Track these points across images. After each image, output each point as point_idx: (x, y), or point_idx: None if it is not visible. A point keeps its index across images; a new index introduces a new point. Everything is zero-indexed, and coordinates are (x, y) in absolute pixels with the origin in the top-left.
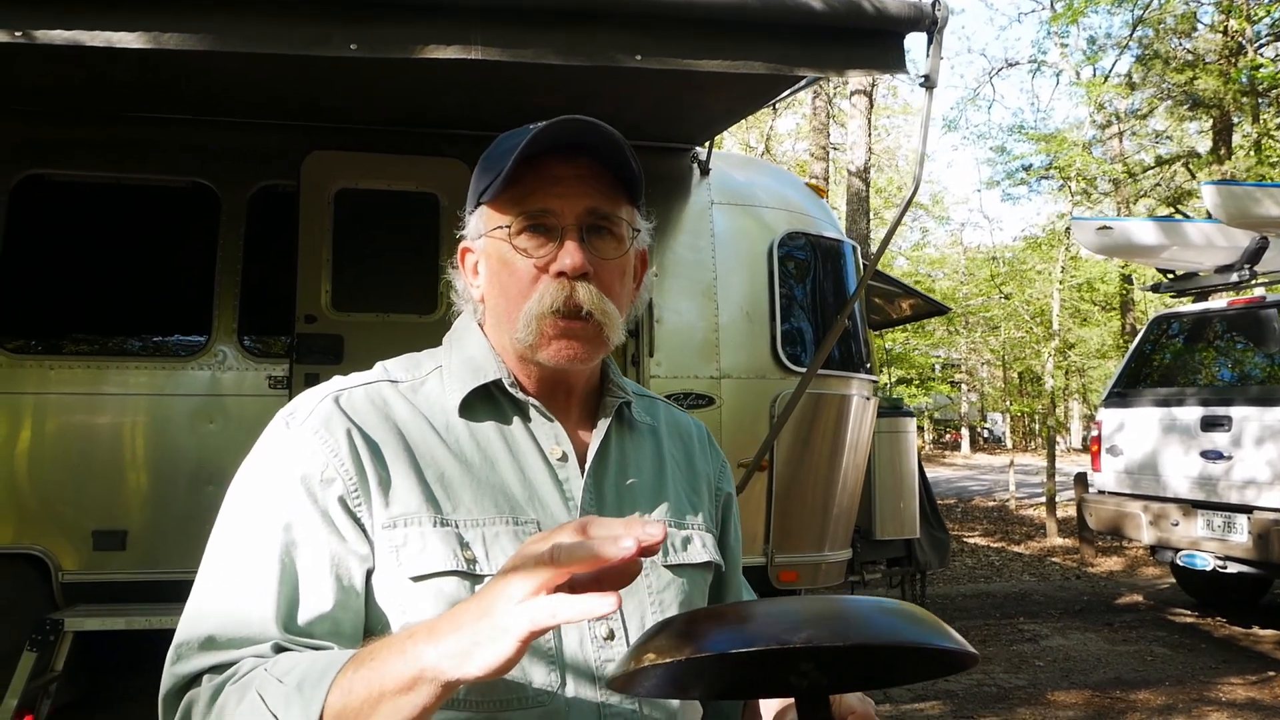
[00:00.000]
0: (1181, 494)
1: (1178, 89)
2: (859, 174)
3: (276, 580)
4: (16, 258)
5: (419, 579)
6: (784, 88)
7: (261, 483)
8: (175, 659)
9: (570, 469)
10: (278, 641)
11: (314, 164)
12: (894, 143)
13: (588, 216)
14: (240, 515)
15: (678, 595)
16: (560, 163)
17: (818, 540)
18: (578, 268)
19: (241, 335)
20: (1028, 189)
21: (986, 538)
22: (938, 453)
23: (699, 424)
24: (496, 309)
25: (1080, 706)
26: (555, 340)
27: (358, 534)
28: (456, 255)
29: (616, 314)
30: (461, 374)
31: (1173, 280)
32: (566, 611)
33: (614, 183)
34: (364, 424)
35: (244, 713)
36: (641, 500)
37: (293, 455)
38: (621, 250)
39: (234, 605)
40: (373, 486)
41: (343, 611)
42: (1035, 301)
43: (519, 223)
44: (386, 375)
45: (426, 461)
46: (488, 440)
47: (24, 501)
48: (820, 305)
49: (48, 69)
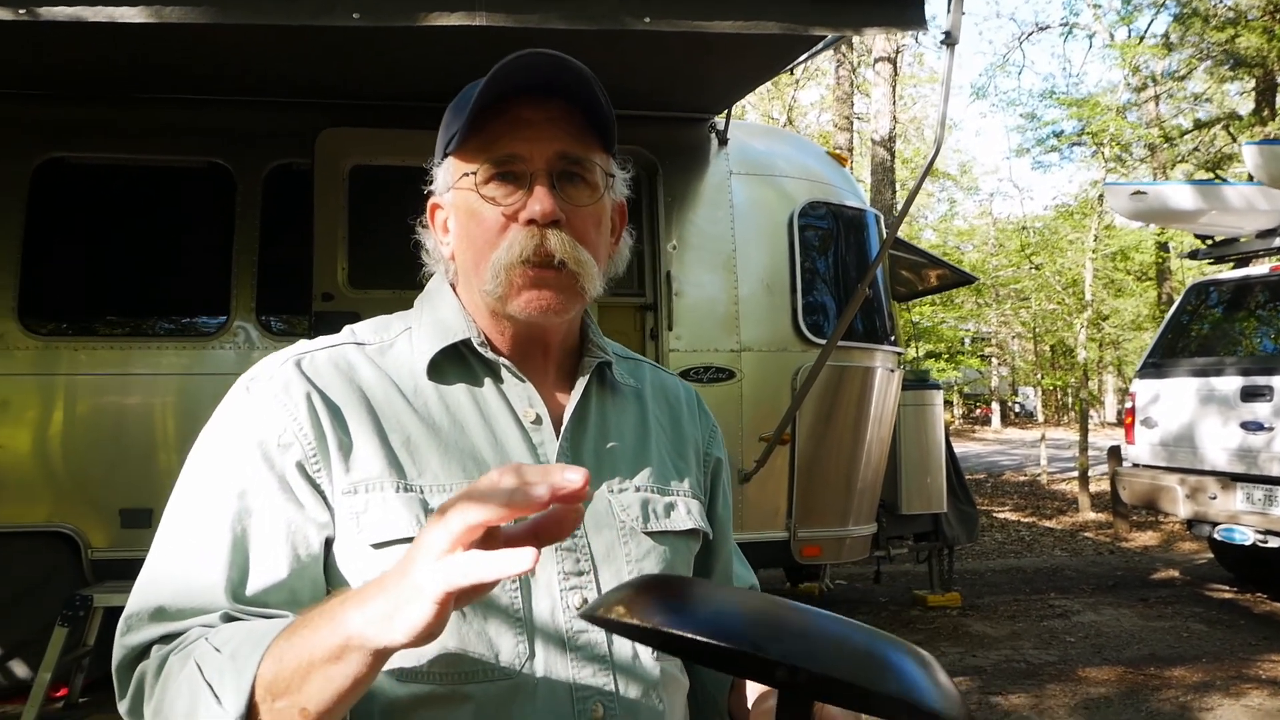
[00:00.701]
0: (1220, 466)
1: (1218, 48)
2: (884, 143)
3: (228, 549)
4: (39, 241)
5: (380, 545)
6: (801, 51)
7: (217, 449)
8: (125, 630)
9: (545, 432)
10: (227, 611)
11: (327, 141)
12: (920, 112)
13: (558, 161)
14: (195, 482)
15: (658, 564)
16: (528, 105)
17: (841, 515)
18: (548, 214)
19: (260, 314)
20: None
21: (1017, 513)
22: (968, 428)
23: (687, 387)
24: (465, 263)
25: (1113, 683)
26: (526, 290)
27: (316, 500)
28: (425, 214)
29: (592, 263)
30: (430, 335)
31: (1211, 246)
32: (480, 570)
33: (586, 126)
34: (326, 387)
35: (183, 682)
36: (622, 465)
37: (250, 420)
38: (595, 197)
39: (183, 575)
40: (333, 451)
41: (299, 580)
42: (1067, 272)
43: (485, 170)
44: (354, 338)
45: (391, 425)
46: (457, 403)
47: (54, 481)
48: (842, 276)
49: (63, 51)
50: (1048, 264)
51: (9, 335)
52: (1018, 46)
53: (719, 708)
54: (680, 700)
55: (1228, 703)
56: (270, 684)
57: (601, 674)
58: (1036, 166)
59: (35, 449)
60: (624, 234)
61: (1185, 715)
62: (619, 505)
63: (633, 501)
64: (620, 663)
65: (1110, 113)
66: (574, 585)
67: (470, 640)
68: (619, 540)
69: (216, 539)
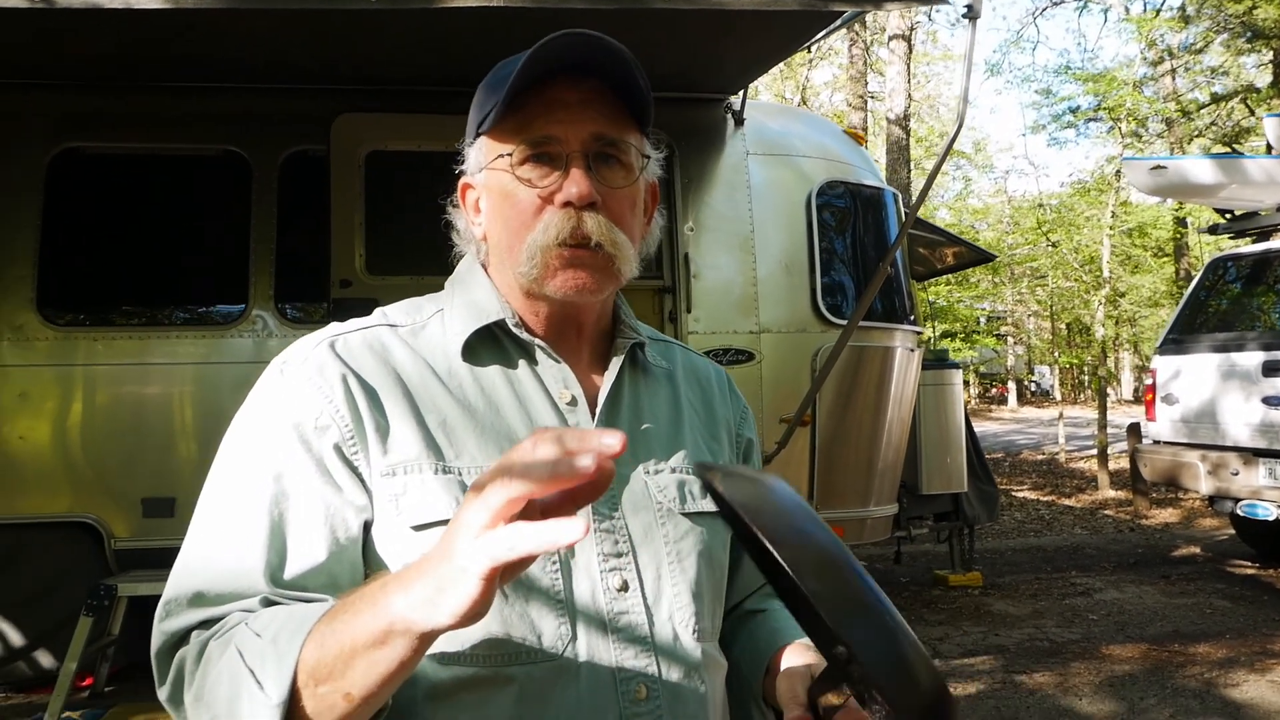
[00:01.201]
0: (1242, 442)
1: (1235, 20)
2: (898, 121)
3: (266, 533)
4: (57, 232)
5: (420, 528)
6: (819, 28)
7: (253, 432)
8: (164, 615)
9: (580, 413)
10: (266, 595)
11: (343, 127)
12: (934, 90)
13: (594, 143)
14: (231, 466)
15: (696, 544)
16: (564, 86)
17: (862, 495)
18: (585, 197)
19: (279, 302)
20: (1075, 132)
21: (1036, 491)
22: (984, 407)
23: (718, 368)
24: (499, 244)
25: (1137, 660)
26: (561, 270)
27: (354, 483)
28: (456, 193)
29: (628, 244)
30: (464, 316)
31: (1231, 220)
32: (528, 542)
33: (621, 107)
34: (361, 369)
35: (224, 668)
36: (657, 446)
37: (286, 403)
38: (631, 179)
39: (221, 559)
40: (370, 433)
41: (338, 564)
42: (1084, 249)
43: (521, 151)
44: (386, 320)
45: (427, 407)
46: (492, 384)
47: (75, 471)
48: (861, 256)
49: (78, 40)
50: (1065, 241)
51: (28, 326)
52: (1032, 22)
53: (753, 691)
54: (720, 681)
55: (1253, 678)
56: (313, 669)
57: (644, 655)
58: (1052, 143)
59: (56, 440)
60: (655, 214)
61: (1210, 692)
62: (655, 486)
63: (669, 483)
64: (662, 644)
65: (1127, 87)
66: (613, 567)
67: (513, 622)
68: (656, 521)
69: (254, 523)
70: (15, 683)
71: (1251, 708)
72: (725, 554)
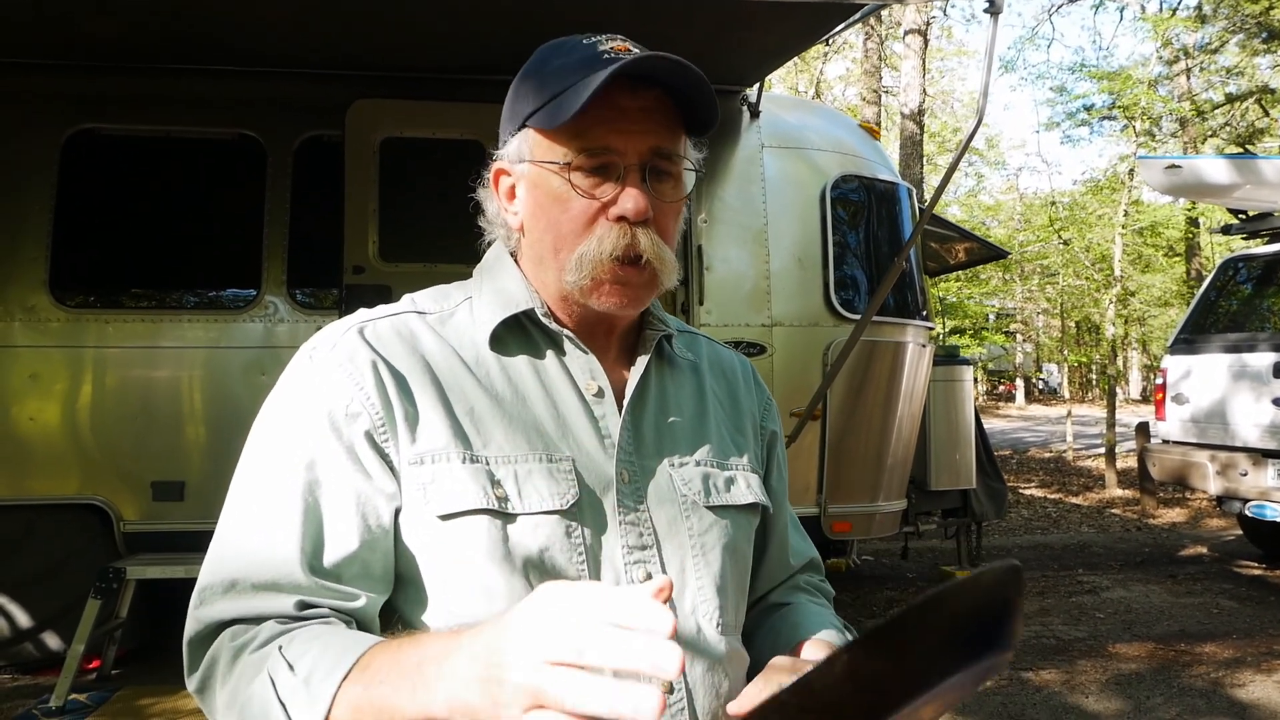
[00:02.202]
0: (1251, 443)
1: (1251, 20)
2: (913, 116)
3: (300, 520)
4: (69, 213)
5: (448, 517)
6: (839, 20)
7: (285, 419)
8: (199, 603)
9: (607, 405)
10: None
11: (358, 113)
12: (948, 85)
13: (651, 156)
14: (263, 453)
15: (721, 538)
16: (626, 92)
17: (872, 491)
18: (641, 213)
19: (291, 287)
20: (1089, 130)
21: (1043, 489)
22: (992, 404)
23: (744, 360)
24: (541, 244)
25: (1143, 659)
26: (608, 285)
27: (384, 471)
28: (489, 175)
29: (673, 259)
30: (492, 305)
31: (1245, 221)
32: (594, 704)
33: (679, 116)
34: (390, 356)
35: (256, 692)
36: (682, 439)
37: (316, 389)
38: (680, 193)
39: (257, 547)
40: (399, 421)
41: (370, 552)
42: (1096, 247)
43: (578, 159)
44: (414, 307)
45: (455, 395)
46: (519, 374)
47: (85, 453)
48: (874, 250)
49: (93, 21)
50: (1076, 239)
51: (40, 308)
52: (1047, 19)
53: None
54: (742, 674)
55: (1259, 679)
56: None
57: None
58: (1066, 141)
59: (66, 421)
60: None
61: (1216, 691)
62: (680, 480)
63: (694, 476)
64: (686, 638)
65: (1141, 86)
66: (638, 560)
67: None
68: (681, 514)
69: (288, 511)
70: (22, 664)
71: (1257, 708)
72: (749, 547)
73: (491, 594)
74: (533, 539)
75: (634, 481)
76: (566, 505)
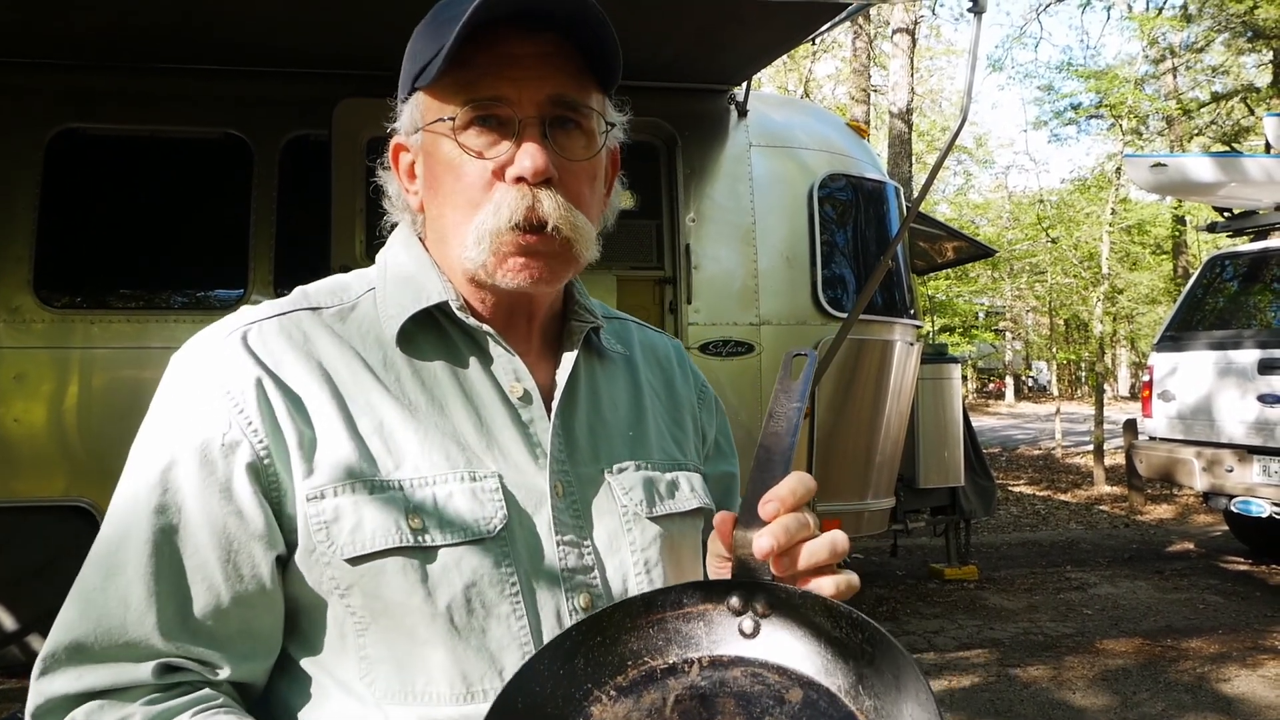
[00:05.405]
0: (1237, 439)
1: (1236, 20)
2: (901, 115)
3: (157, 574)
4: (54, 213)
5: (357, 560)
6: (826, 19)
7: (150, 451)
8: (41, 671)
9: (535, 409)
10: (162, 658)
11: (345, 112)
12: (937, 84)
13: (551, 106)
14: (125, 492)
15: (665, 550)
16: (518, 38)
17: (860, 488)
18: (540, 172)
19: (278, 287)
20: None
21: (1032, 486)
22: (981, 401)
23: (675, 342)
24: (440, 221)
25: (1131, 655)
26: (513, 258)
27: (267, 511)
28: (388, 154)
29: (588, 226)
30: (399, 297)
31: (1230, 219)
32: None
33: (583, 64)
34: (278, 367)
35: None
36: (619, 441)
37: (187, 415)
38: (592, 149)
39: (108, 608)
40: (291, 447)
41: (248, 609)
42: (1083, 245)
43: (465, 114)
44: (306, 301)
45: (360, 408)
46: (434, 377)
47: (71, 455)
48: (862, 249)
49: (78, 18)
50: (1064, 237)
51: (24, 308)
52: (1035, 18)
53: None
54: None
55: (1244, 673)
56: None
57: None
58: (1053, 139)
59: (51, 423)
60: (616, 183)
61: (1202, 686)
62: (620, 488)
63: (634, 482)
64: None
65: (1128, 85)
66: (579, 584)
67: (469, 659)
68: (622, 528)
69: (144, 564)
70: (8, 667)
71: (1243, 702)
72: (697, 553)
73: (415, 641)
74: (457, 575)
75: (569, 494)
76: (494, 530)
